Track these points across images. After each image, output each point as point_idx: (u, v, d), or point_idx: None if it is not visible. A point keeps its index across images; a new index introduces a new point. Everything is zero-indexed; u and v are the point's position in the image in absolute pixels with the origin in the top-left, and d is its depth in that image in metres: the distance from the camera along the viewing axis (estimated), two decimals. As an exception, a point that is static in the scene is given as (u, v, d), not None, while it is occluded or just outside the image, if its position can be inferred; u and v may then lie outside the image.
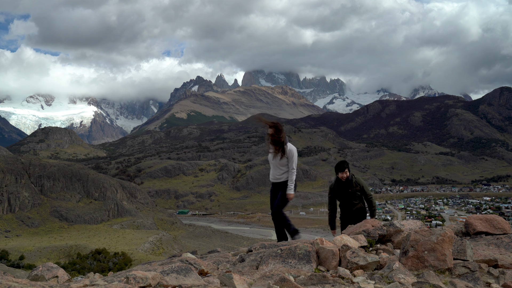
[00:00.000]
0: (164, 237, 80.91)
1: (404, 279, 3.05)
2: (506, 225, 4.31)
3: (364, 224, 4.84)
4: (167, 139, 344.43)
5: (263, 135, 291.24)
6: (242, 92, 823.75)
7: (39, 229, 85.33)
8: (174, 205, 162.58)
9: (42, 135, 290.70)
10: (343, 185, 6.95)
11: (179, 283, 2.87)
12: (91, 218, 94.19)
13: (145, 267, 3.81)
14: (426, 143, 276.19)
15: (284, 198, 6.58)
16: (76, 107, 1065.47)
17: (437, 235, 3.39)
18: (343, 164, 6.92)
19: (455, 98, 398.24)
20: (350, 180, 6.92)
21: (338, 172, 6.91)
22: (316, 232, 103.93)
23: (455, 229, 4.63)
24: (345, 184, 6.93)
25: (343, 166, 6.87)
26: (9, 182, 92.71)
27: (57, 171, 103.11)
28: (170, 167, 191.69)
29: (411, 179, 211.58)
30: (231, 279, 2.96)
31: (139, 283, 2.65)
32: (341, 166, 6.90)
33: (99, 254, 56.29)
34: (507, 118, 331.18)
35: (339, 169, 6.90)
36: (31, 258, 59.05)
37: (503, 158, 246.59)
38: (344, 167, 6.88)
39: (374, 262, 3.57)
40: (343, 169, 6.86)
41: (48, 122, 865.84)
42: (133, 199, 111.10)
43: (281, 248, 3.96)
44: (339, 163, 6.99)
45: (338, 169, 6.92)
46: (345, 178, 6.88)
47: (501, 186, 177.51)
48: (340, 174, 6.89)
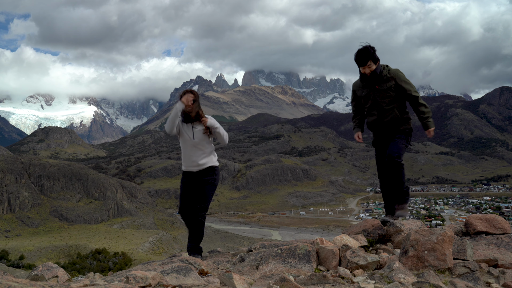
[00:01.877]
0: (164, 237, 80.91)
1: (404, 278, 3.05)
2: (506, 224, 4.31)
3: (364, 224, 4.84)
4: (167, 139, 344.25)
5: (263, 135, 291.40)
6: (242, 92, 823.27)
7: (39, 229, 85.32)
8: (174, 205, 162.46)
9: (42, 135, 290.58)
10: (369, 82, 4.61)
11: (179, 283, 2.87)
12: (91, 218, 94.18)
13: (145, 267, 3.81)
14: (426, 143, 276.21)
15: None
16: (76, 107, 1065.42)
17: (437, 235, 3.39)
18: (363, 54, 4.42)
19: (455, 98, 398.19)
20: (379, 74, 4.51)
21: (359, 67, 4.56)
22: (316, 232, 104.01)
23: (455, 228, 4.63)
24: (371, 80, 4.56)
25: (363, 58, 4.43)
26: (9, 182, 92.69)
27: (57, 171, 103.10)
28: (170, 167, 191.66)
29: (411, 178, 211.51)
30: (231, 278, 2.96)
31: (139, 283, 2.65)
32: (361, 57, 4.45)
33: (99, 254, 56.27)
34: (507, 118, 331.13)
35: (360, 62, 4.49)
36: (31, 258, 59.05)
37: (503, 158, 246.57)
38: (367, 59, 4.41)
39: (374, 262, 3.57)
40: (364, 62, 4.45)
41: (48, 122, 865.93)
42: (133, 199, 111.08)
43: (281, 248, 3.97)
44: (358, 52, 4.49)
45: (358, 63, 4.51)
46: (370, 73, 4.51)
47: (501, 186, 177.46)
48: (362, 69, 4.54)
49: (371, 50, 4.42)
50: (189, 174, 4.67)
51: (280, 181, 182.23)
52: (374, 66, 4.47)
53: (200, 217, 4.63)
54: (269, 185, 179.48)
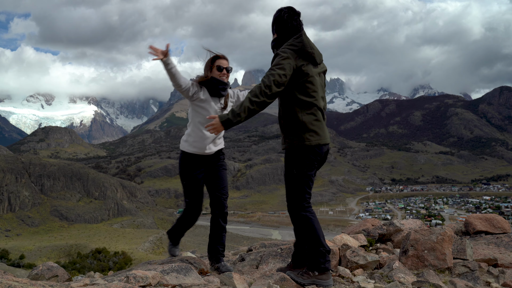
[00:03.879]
0: (164, 237, 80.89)
1: (404, 278, 3.05)
2: (506, 224, 4.31)
3: (364, 223, 4.84)
4: (167, 139, 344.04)
5: (263, 134, 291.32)
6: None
7: (39, 229, 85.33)
8: (174, 204, 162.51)
9: (42, 134, 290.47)
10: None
11: (179, 282, 2.87)
12: (91, 217, 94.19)
13: (145, 266, 3.82)
14: (426, 143, 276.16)
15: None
16: (76, 107, 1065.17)
17: (437, 234, 3.39)
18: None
19: (455, 98, 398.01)
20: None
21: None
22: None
23: (455, 228, 4.63)
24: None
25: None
26: (9, 182, 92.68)
27: (57, 171, 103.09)
28: (170, 166, 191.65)
29: (411, 178, 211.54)
30: (231, 278, 2.96)
31: (139, 282, 2.65)
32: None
33: (99, 253, 56.25)
34: (507, 118, 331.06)
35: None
36: (31, 258, 59.07)
37: (503, 157, 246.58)
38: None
39: (374, 261, 3.58)
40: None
41: (48, 121, 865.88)
42: (133, 198, 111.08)
43: (281, 248, 3.97)
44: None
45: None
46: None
47: (501, 186, 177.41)
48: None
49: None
50: (203, 159, 3.71)
51: (280, 180, 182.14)
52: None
53: (227, 209, 3.81)
54: (269, 185, 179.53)
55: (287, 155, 3.19)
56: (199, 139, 3.64)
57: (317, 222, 3.12)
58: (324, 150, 3.19)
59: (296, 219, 3.15)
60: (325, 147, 3.20)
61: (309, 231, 3.08)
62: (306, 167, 3.09)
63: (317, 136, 3.12)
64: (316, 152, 3.11)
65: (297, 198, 3.12)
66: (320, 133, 3.14)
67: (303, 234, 3.13)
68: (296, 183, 3.11)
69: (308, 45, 3.13)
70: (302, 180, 3.10)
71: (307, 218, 3.10)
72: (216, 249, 3.71)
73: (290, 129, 3.15)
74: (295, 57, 3.06)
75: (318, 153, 3.13)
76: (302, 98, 3.08)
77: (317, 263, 3.01)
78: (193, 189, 3.75)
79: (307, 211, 3.11)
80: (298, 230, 3.19)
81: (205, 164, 3.74)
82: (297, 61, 3.06)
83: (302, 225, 3.11)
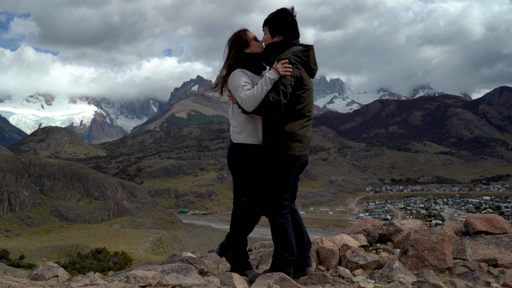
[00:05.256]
0: (164, 237, 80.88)
1: (404, 278, 3.05)
2: (505, 224, 4.31)
3: (364, 224, 4.84)
4: (167, 139, 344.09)
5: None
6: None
7: (39, 229, 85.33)
8: (174, 204, 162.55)
9: (42, 134, 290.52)
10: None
11: (179, 283, 2.87)
12: (91, 218, 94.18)
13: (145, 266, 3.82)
14: (426, 143, 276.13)
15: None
16: (76, 107, 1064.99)
17: (437, 235, 3.39)
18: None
19: (455, 98, 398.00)
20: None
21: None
22: (316, 231, 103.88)
23: (455, 228, 4.63)
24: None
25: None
26: (9, 182, 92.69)
27: (57, 171, 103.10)
28: (170, 166, 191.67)
29: (411, 178, 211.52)
30: (231, 278, 2.96)
31: (139, 283, 2.65)
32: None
33: (99, 254, 56.29)
34: (507, 118, 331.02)
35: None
36: (31, 258, 59.07)
37: (503, 158, 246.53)
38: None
39: (374, 261, 3.58)
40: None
41: (48, 121, 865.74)
42: (133, 199, 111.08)
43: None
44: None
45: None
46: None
47: (501, 186, 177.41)
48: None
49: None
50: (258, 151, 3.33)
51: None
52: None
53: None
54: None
55: (271, 161, 3.20)
56: (254, 128, 3.31)
57: (290, 230, 3.24)
58: (304, 160, 3.28)
59: (272, 224, 3.31)
60: (306, 158, 3.30)
61: (281, 237, 3.22)
62: (287, 174, 3.20)
63: (302, 147, 3.21)
64: (298, 162, 3.21)
65: (274, 203, 3.26)
66: (305, 144, 3.23)
67: (275, 239, 3.29)
68: (276, 188, 3.22)
69: (313, 61, 3.23)
70: (280, 186, 3.21)
71: (282, 225, 3.24)
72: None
73: (276, 137, 3.15)
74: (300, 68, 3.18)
75: (300, 164, 3.24)
76: (296, 108, 3.14)
77: (281, 270, 3.14)
78: (254, 185, 3.39)
79: (282, 218, 3.25)
80: (272, 232, 3.34)
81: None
82: (301, 72, 3.16)
83: (276, 230, 3.27)
